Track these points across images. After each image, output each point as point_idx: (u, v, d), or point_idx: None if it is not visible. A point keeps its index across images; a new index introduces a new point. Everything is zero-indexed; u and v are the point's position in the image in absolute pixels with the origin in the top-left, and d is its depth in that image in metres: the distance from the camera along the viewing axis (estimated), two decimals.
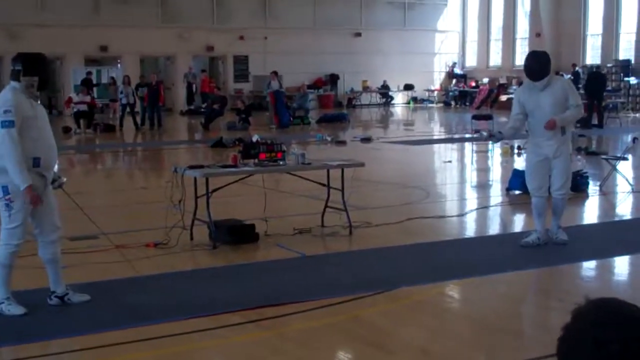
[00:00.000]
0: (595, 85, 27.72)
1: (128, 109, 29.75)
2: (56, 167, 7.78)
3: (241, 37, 40.76)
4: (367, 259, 9.03)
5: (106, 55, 38.74)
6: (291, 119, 29.78)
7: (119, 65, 38.43)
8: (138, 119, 29.60)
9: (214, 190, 9.86)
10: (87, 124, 28.52)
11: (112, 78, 34.67)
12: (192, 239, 9.85)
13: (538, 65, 9.03)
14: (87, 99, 29.24)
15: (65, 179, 7.64)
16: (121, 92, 29.81)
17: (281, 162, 10.24)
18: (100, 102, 33.62)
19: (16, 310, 6.92)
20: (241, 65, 41.57)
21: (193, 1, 39.76)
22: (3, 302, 6.94)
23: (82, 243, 9.61)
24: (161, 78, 34.76)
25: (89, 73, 34.01)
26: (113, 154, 23.75)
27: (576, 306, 1.97)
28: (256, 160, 10.07)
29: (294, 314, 7.06)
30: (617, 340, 1.83)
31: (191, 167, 10.16)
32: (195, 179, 9.87)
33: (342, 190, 10.33)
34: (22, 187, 6.66)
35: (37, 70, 6.98)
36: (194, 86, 39.52)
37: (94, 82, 33.34)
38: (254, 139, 10.92)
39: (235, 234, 9.79)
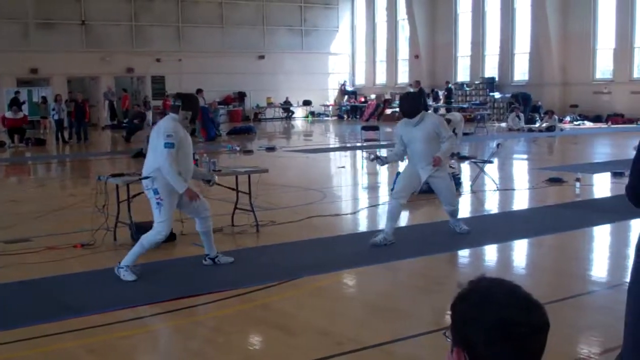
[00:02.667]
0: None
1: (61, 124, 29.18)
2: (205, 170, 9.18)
3: (158, 60, 40.40)
4: (272, 253, 9.00)
5: (36, 77, 37.88)
6: (216, 132, 29.52)
7: (49, 86, 37.68)
8: (66, 134, 29.10)
9: (135, 196, 9.72)
10: (20, 139, 28.03)
11: (43, 97, 33.84)
12: (115, 239, 9.70)
13: (409, 107, 9.36)
14: (20, 115, 28.73)
15: (216, 177, 8.81)
16: (54, 109, 29.17)
17: None
18: (31, 118, 32.87)
19: (129, 277, 7.72)
20: (158, 84, 41.15)
21: (114, 28, 39.37)
22: (123, 268, 7.77)
23: (17, 245, 9.48)
24: (87, 96, 34.28)
25: (17, 92, 33.07)
26: (44, 165, 23.15)
27: (475, 282, 1.90)
28: None
29: (209, 303, 7.01)
30: (526, 324, 1.79)
31: (113, 175, 10.03)
32: (117, 185, 9.73)
33: (249, 193, 10.31)
34: (181, 191, 7.69)
35: (191, 107, 7.96)
36: (114, 104, 39.00)
37: (21, 100, 32.36)
38: None
39: None
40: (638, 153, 4.61)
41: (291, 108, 44.27)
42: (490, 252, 9.41)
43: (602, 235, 10.35)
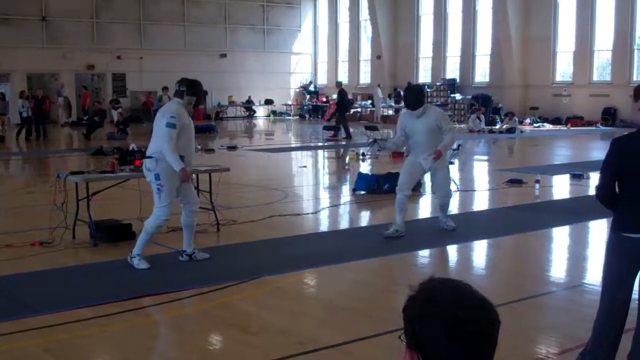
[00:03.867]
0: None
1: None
2: None
3: (119, 57, 40.05)
4: (233, 252, 8.98)
5: None
6: None
7: (8, 82, 37.18)
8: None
9: (94, 194, 9.63)
10: None
11: (1, 94, 33.31)
12: (74, 237, 9.61)
13: (413, 98, 9.73)
14: None
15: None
16: (23, 106, 28.59)
17: None
18: None
19: (142, 264, 8.06)
20: (119, 82, 40.83)
21: (75, 24, 38.95)
22: (135, 257, 8.10)
23: None
24: (47, 93, 33.84)
25: None
26: (2, 162, 22.81)
27: (424, 283, 1.90)
28: (132, 167, 9.92)
29: (169, 302, 6.97)
30: (474, 321, 1.79)
31: (73, 173, 9.91)
32: (76, 183, 9.62)
33: (210, 192, 10.26)
34: (177, 168, 7.89)
35: (195, 92, 8.21)
36: (69, 100, 38.59)
37: None
38: (131, 147, 10.70)
39: (114, 232, 9.60)
40: (606, 156, 4.76)
41: (253, 107, 44.16)
42: (451, 253, 9.48)
43: (560, 236, 10.47)
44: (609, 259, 4.94)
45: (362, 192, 13.54)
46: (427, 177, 11.93)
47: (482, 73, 38.74)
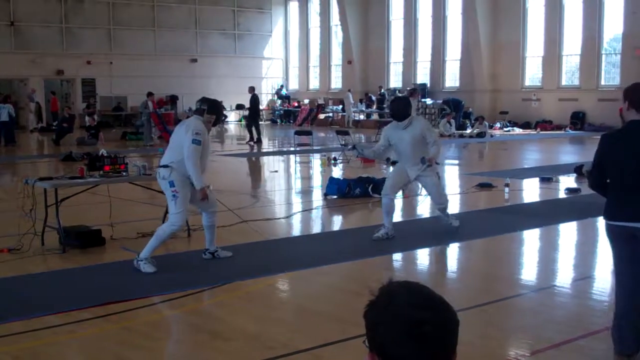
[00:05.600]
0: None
1: None
2: None
3: (88, 62, 39.75)
4: (203, 258, 8.89)
5: None
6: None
7: None
8: None
9: (63, 200, 9.55)
10: None
11: None
12: (43, 244, 9.49)
13: (399, 109, 9.78)
14: None
15: (210, 185, 8.87)
16: None
17: (124, 173, 10.04)
18: None
19: (149, 268, 8.06)
20: (89, 87, 40.56)
21: (44, 29, 38.60)
22: (142, 260, 8.10)
23: None
24: (15, 99, 33.48)
25: None
26: None
27: (382, 287, 1.93)
28: (101, 172, 9.85)
29: (139, 308, 6.91)
30: (430, 322, 1.81)
31: (41, 179, 9.80)
32: (45, 189, 9.53)
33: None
34: (198, 187, 8.16)
35: (215, 112, 8.49)
36: (40, 106, 38.25)
37: None
38: (101, 153, 10.61)
39: (83, 238, 9.48)
40: (597, 148, 5.18)
41: (224, 112, 44.05)
42: (421, 256, 9.52)
43: (529, 239, 10.54)
44: (610, 246, 5.31)
45: (334, 197, 13.54)
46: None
47: (452, 78, 38.91)
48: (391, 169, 10.94)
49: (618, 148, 5.10)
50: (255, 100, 28.75)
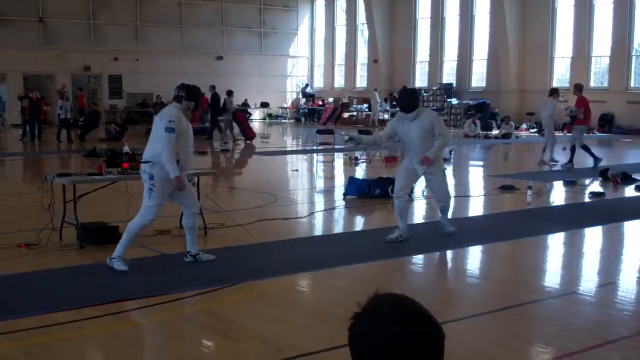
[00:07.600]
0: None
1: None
2: None
3: (116, 59, 40.01)
4: (218, 257, 8.83)
5: None
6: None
7: (4, 83, 37.14)
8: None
9: (82, 196, 9.58)
10: None
11: None
12: (61, 240, 9.52)
13: (407, 102, 9.69)
14: None
15: (196, 179, 8.95)
16: (61, 108, 28.35)
17: None
18: None
19: (122, 267, 7.96)
20: (116, 83, 40.81)
21: (71, 26, 38.89)
22: (115, 259, 8.01)
23: None
24: (43, 95, 33.71)
25: None
26: None
27: (370, 299, 1.91)
28: (120, 169, 9.83)
29: (150, 307, 6.88)
30: (412, 336, 1.78)
31: (60, 175, 9.84)
32: (64, 185, 9.56)
33: (198, 195, 10.15)
34: (173, 176, 7.92)
35: (194, 98, 8.25)
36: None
37: None
38: (123, 150, 10.60)
39: (101, 235, 9.51)
40: None
41: (249, 110, 44.10)
42: (441, 259, 9.40)
43: (551, 243, 10.38)
44: None
45: (354, 197, 13.46)
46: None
47: (479, 78, 38.68)
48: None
49: None
50: (215, 98, 29.23)
